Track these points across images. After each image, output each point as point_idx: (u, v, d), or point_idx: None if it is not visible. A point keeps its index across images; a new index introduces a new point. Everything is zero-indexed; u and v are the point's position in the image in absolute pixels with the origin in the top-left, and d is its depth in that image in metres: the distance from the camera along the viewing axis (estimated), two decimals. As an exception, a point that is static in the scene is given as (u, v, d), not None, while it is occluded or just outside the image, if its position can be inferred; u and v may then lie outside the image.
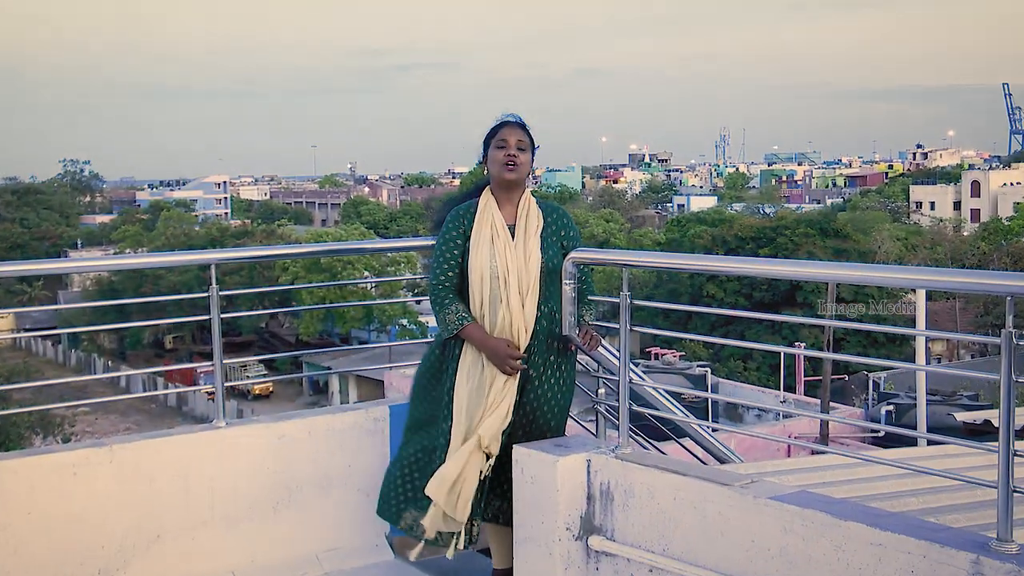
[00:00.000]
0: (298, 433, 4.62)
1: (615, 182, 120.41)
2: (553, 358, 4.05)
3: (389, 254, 48.25)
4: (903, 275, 3.77)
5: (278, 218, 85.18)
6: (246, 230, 62.61)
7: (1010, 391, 2.81)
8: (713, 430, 5.92)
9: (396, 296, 43.80)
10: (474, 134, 4.23)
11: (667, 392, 5.32)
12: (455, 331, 3.96)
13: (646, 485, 3.63)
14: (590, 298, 4.18)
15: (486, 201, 4.09)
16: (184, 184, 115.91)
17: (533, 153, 4.16)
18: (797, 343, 33.17)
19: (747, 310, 37.73)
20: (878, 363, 3.71)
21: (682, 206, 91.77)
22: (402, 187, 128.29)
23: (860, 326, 3.74)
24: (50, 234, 76.64)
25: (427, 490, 3.95)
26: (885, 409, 21.47)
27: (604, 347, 4.73)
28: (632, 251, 5.04)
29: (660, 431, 5.69)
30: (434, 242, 4.17)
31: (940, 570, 2.83)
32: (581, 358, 4.65)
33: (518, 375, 3.95)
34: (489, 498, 4.06)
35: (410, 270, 46.74)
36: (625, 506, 3.71)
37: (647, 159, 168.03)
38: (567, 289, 4.02)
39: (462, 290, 4.05)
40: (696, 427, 5.67)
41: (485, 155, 4.15)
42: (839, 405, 24.36)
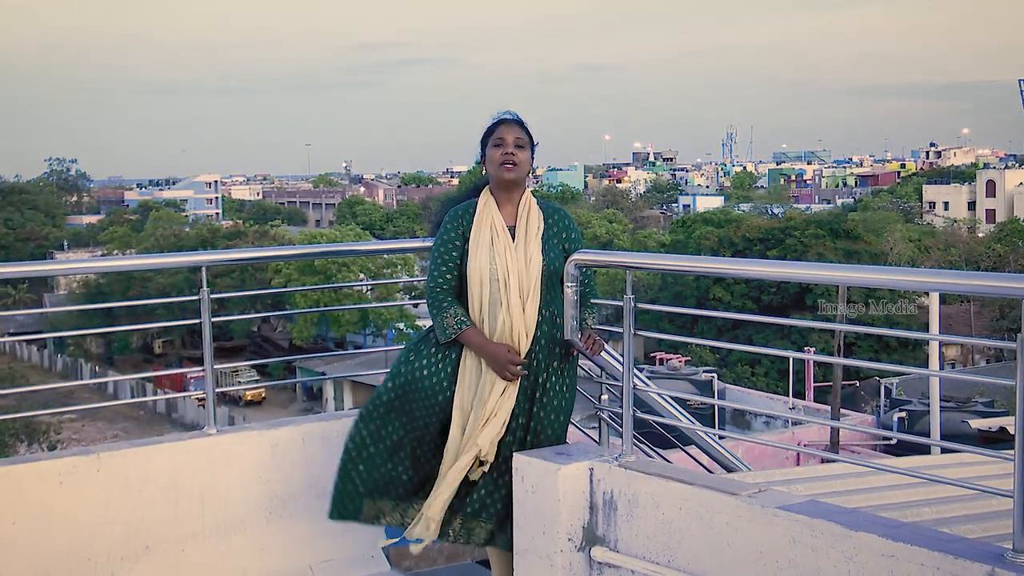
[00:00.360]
0: (292, 441, 4.62)
1: (618, 181, 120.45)
2: (555, 363, 4.05)
3: (385, 256, 48.26)
4: (916, 278, 3.76)
5: (271, 219, 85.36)
6: (238, 231, 62.67)
7: (1027, 397, 2.81)
8: (720, 437, 5.92)
9: (392, 299, 43.84)
10: (473, 132, 4.23)
11: (672, 398, 5.32)
12: (453, 335, 3.96)
13: (651, 494, 3.63)
14: (593, 301, 4.18)
15: (485, 201, 4.09)
16: (174, 183, 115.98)
17: (532, 151, 4.16)
18: (806, 348, 33.20)
19: (755, 314, 37.83)
20: (890, 368, 3.72)
21: (688, 206, 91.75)
22: (399, 186, 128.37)
23: (872, 330, 3.74)
24: (35, 235, 76.66)
25: (430, 513, 3.92)
26: (897, 416, 21.49)
27: (607, 352, 4.73)
28: (636, 253, 5.04)
29: (665, 439, 5.68)
30: (432, 244, 4.17)
31: (954, 582, 2.83)
32: (583, 363, 4.65)
33: (518, 381, 3.95)
34: (480, 522, 4.03)
35: (407, 272, 46.74)
36: (629, 516, 3.70)
37: (651, 158, 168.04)
38: (569, 292, 4.02)
39: (461, 293, 4.05)
40: (702, 434, 5.67)
41: (483, 155, 4.15)
42: (850, 412, 24.38)
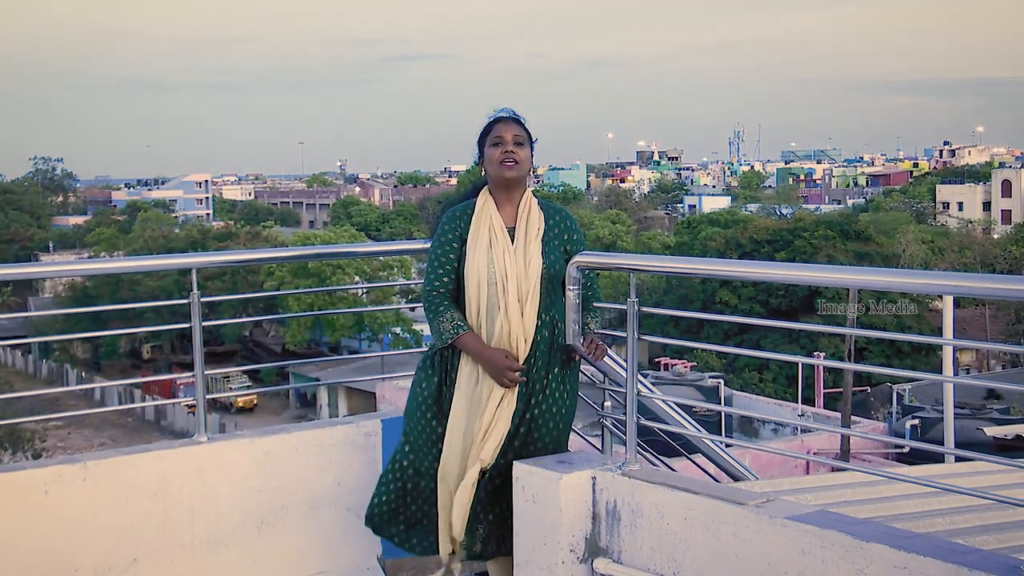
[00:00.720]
0: (284, 449, 4.62)
1: (622, 181, 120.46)
2: (555, 370, 4.05)
3: (381, 258, 48.28)
4: (929, 280, 3.76)
5: (263, 219, 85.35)
6: (229, 232, 62.65)
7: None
8: (726, 445, 5.92)
9: (389, 303, 43.86)
10: (472, 129, 4.23)
11: (677, 405, 5.32)
12: (450, 340, 3.96)
13: (655, 504, 3.63)
14: (595, 305, 4.18)
15: (484, 202, 4.09)
16: (163, 183, 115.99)
17: (532, 148, 4.17)
18: (816, 353, 33.17)
19: (763, 317, 37.83)
20: (902, 374, 3.72)
21: (693, 207, 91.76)
22: (395, 186, 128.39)
23: (884, 335, 3.74)
24: (20, 236, 76.65)
25: (454, 533, 3.96)
26: (910, 423, 21.48)
27: (610, 357, 4.73)
28: (640, 255, 5.05)
29: (670, 447, 5.68)
30: (429, 245, 4.17)
31: (968, 595, 2.83)
32: (586, 369, 4.65)
33: (517, 388, 3.95)
34: (483, 534, 4.04)
35: (404, 275, 46.76)
36: (633, 526, 3.70)
37: (656, 157, 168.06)
38: (570, 296, 4.03)
39: (458, 297, 4.05)
40: (708, 442, 5.67)
41: (480, 155, 4.15)
42: (861, 419, 24.36)
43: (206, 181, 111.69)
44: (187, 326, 4.57)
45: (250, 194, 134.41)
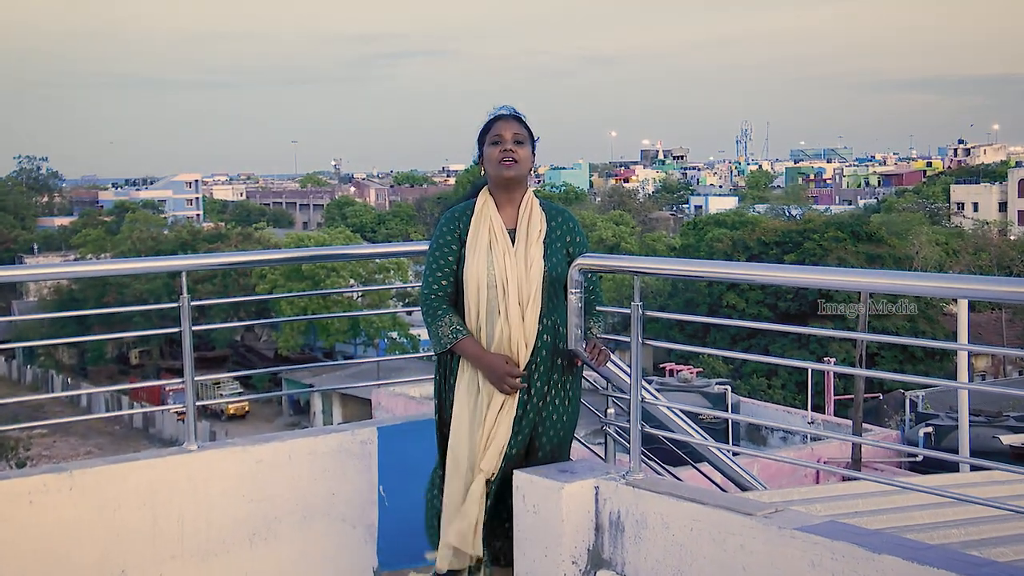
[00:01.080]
0: (277, 457, 4.62)
1: (626, 181, 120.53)
2: (557, 375, 4.05)
3: (377, 260, 48.31)
4: (943, 284, 3.76)
5: (255, 220, 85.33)
6: (220, 233, 62.68)
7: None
8: (734, 454, 5.92)
9: (385, 307, 43.82)
10: (471, 128, 4.24)
11: (683, 412, 5.32)
12: (448, 345, 3.96)
13: (660, 515, 3.63)
14: (598, 309, 4.18)
15: (484, 202, 4.09)
16: (152, 183, 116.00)
17: (533, 147, 4.17)
18: (826, 358, 33.19)
19: (771, 322, 37.82)
20: (916, 380, 3.72)
21: (699, 207, 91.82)
22: (391, 186, 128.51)
23: (896, 339, 3.75)
24: (3, 238, 76.72)
25: (454, 543, 3.97)
26: (923, 431, 21.48)
27: (613, 363, 4.74)
28: (644, 257, 5.05)
29: (675, 455, 5.68)
30: (427, 247, 4.17)
31: (984, 609, 2.83)
32: (588, 375, 4.65)
33: (517, 395, 3.95)
34: (488, 539, 4.05)
35: (400, 278, 46.74)
36: (637, 538, 3.70)
37: (661, 156, 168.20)
38: (573, 299, 4.03)
39: (457, 301, 4.05)
40: (715, 451, 5.67)
41: (480, 154, 4.15)
42: (873, 427, 24.38)
43: (196, 181, 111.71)
44: (176, 330, 4.58)
45: (242, 194, 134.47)
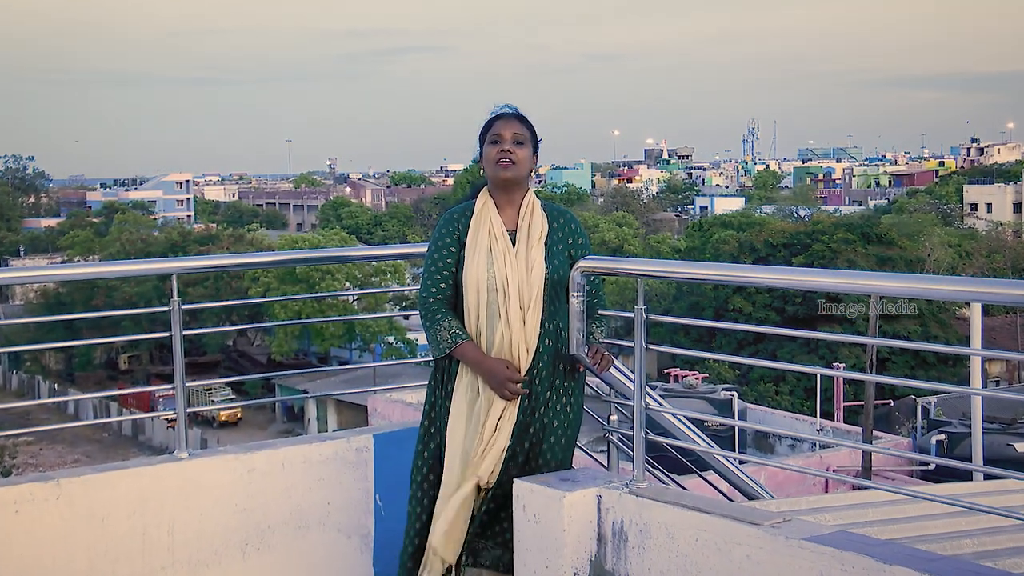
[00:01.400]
0: (270, 466, 4.62)
1: (629, 181, 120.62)
2: (559, 381, 4.05)
3: (373, 263, 48.29)
4: (956, 287, 3.76)
5: (248, 222, 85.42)
6: (211, 235, 62.67)
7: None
8: (740, 462, 5.92)
9: (381, 310, 43.84)
10: (469, 126, 4.25)
11: (688, 419, 5.32)
12: (447, 350, 3.96)
13: (664, 524, 3.63)
14: (601, 313, 4.19)
15: (483, 203, 4.09)
16: (141, 184, 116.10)
17: (535, 148, 4.17)
18: (835, 363, 33.15)
19: (779, 326, 37.81)
20: (928, 386, 3.72)
21: (705, 208, 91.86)
22: (388, 187, 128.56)
23: (908, 344, 3.74)
24: (-11, 240, 76.69)
25: (433, 544, 3.96)
26: (936, 439, 21.47)
27: (616, 368, 4.73)
28: (648, 259, 5.05)
29: (680, 463, 5.68)
30: (425, 250, 4.17)
31: (998, 621, 2.83)
32: (591, 381, 4.65)
33: (518, 400, 3.95)
34: (486, 544, 4.05)
35: (397, 281, 46.75)
36: (641, 548, 3.70)
37: (665, 155, 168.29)
38: (574, 303, 4.03)
39: (456, 304, 4.06)
40: (721, 459, 5.67)
41: (481, 153, 4.16)
42: (883, 434, 24.35)
43: (187, 181, 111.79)
44: (167, 335, 4.57)
45: (234, 195, 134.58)
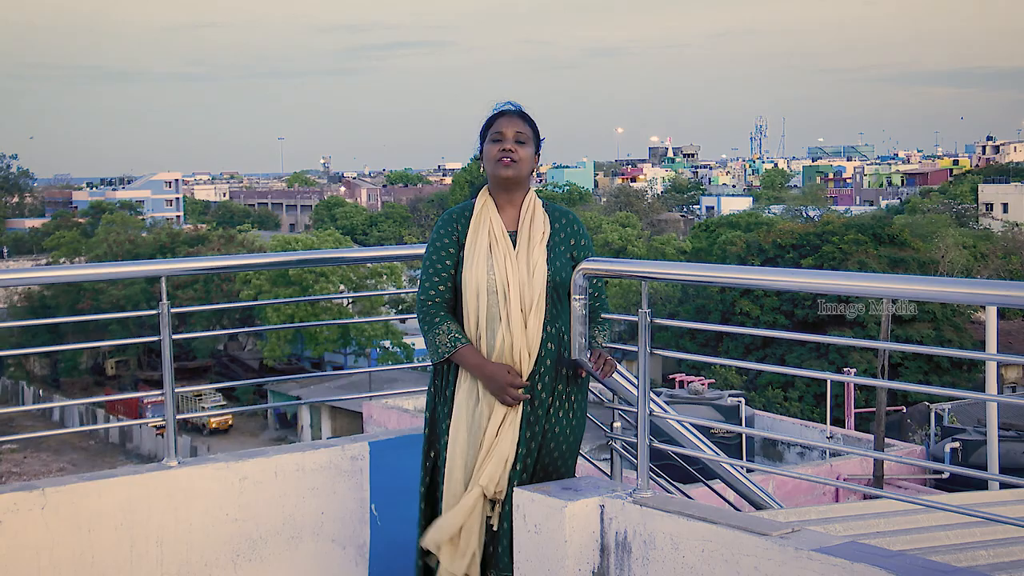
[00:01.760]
0: (262, 474, 4.62)
1: (633, 180, 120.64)
2: (561, 387, 4.05)
3: (369, 265, 48.28)
4: (971, 290, 3.76)
5: (239, 222, 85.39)
6: (201, 236, 62.66)
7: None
8: (748, 471, 5.92)
9: (377, 314, 43.82)
10: (468, 124, 4.25)
11: (694, 426, 5.32)
12: (446, 355, 3.97)
13: (669, 535, 3.63)
14: (603, 316, 4.19)
15: (483, 203, 4.09)
16: (129, 183, 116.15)
17: (537, 147, 4.17)
18: (846, 369, 33.17)
19: (787, 330, 37.75)
20: (942, 392, 3.72)
21: (711, 208, 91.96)
22: (384, 186, 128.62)
23: (921, 349, 3.74)
24: (-29, 241, 76.73)
25: (424, 541, 3.97)
26: (950, 446, 21.46)
27: (620, 373, 4.74)
28: (652, 261, 5.06)
29: (685, 472, 5.69)
30: (422, 251, 4.18)
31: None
32: (593, 386, 4.65)
33: (520, 407, 3.95)
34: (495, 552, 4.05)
35: (394, 284, 46.75)
36: (645, 559, 3.70)
37: (670, 153, 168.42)
38: (576, 306, 4.03)
39: (455, 308, 4.06)
40: (728, 467, 5.67)
41: (481, 151, 4.16)
42: (896, 442, 24.35)
43: (176, 180, 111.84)
44: (156, 339, 4.58)
45: (225, 194, 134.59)
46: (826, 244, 45.30)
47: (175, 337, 4.58)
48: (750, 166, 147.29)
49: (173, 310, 4.56)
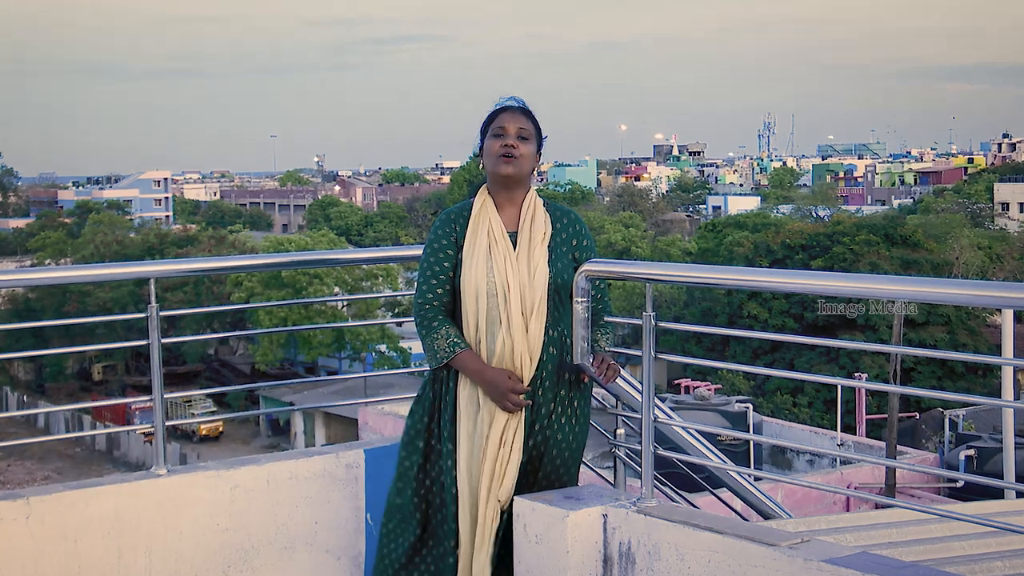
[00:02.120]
0: (254, 483, 4.62)
1: (637, 179, 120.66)
2: (563, 392, 4.05)
3: (364, 266, 48.30)
4: (986, 292, 3.77)
5: (230, 222, 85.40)
6: (191, 237, 62.68)
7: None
8: (755, 479, 5.92)
9: (372, 317, 43.83)
10: (467, 121, 4.25)
11: (700, 433, 5.32)
12: (445, 360, 3.96)
13: (674, 545, 3.63)
14: (606, 320, 4.19)
15: (482, 203, 4.09)
16: (117, 182, 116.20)
17: (539, 145, 4.18)
18: (857, 374, 33.16)
19: (797, 334, 37.79)
20: (956, 398, 3.72)
21: (718, 208, 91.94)
22: (380, 185, 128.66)
23: (934, 353, 3.76)
24: (-46, 242, 76.73)
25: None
26: (964, 454, 21.46)
27: (623, 378, 4.74)
28: (657, 263, 5.06)
29: (691, 480, 5.68)
30: (419, 252, 4.18)
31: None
32: (596, 392, 4.65)
33: (521, 413, 3.95)
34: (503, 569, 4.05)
35: (390, 286, 46.73)
36: (649, 571, 3.70)
37: (675, 151, 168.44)
38: (579, 309, 4.03)
39: (454, 311, 4.06)
40: (735, 475, 5.67)
41: (481, 148, 4.16)
42: (908, 449, 24.36)
43: (165, 179, 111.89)
44: (144, 343, 4.58)
45: (215, 194, 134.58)
46: (837, 245, 45.31)
47: (164, 341, 4.58)
48: (758, 164, 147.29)
49: (162, 313, 4.57)
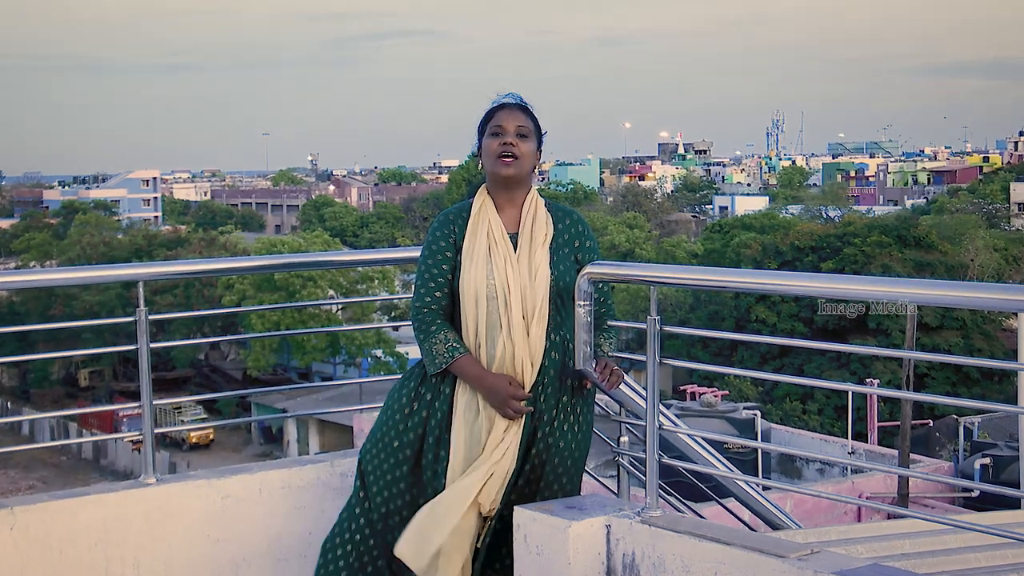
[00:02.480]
0: (246, 492, 4.62)
1: (641, 179, 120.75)
2: (565, 398, 4.05)
3: (360, 268, 48.31)
4: (1002, 295, 3.76)
5: (221, 223, 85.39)
6: (181, 238, 62.71)
7: None
8: (764, 488, 5.92)
9: (368, 321, 43.80)
10: (465, 119, 4.25)
11: (706, 440, 5.32)
12: (444, 365, 3.96)
13: (680, 557, 3.63)
14: (610, 323, 4.19)
15: (481, 203, 4.09)
16: (104, 181, 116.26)
17: (540, 142, 4.17)
18: (869, 379, 33.14)
19: (806, 338, 37.80)
20: (971, 404, 3.72)
21: (725, 208, 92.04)
22: (376, 185, 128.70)
23: (948, 358, 3.75)
24: (-65, 243, 76.74)
25: (398, 550, 3.92)
26: (979, 462, 21.44)
27: (627, 384, 4.74)
28: (662, 265, 5.06)
29: (697, 489, 5.69)
30: (417, 254, 4.18)
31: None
32: (599, 399, 4.65)
33: (522, 420, 3.95)
34: (486, 573, 4.05)
35: (386, 289, 46.73)
36: (654, 583, 3.70)
37: (681, 150, 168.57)
38: (581, 312, 4.03)
39: (453, 314, 4.06)
40: (742, 484, 5.67)
41: (479, 147, 4.16)
42: (922, 457, 24.34)
43: (154, 178, 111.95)
44: (133, 348, 4.58)
45: (206, 193, 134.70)
46: (847, 246, 45.34)
47: (153, 346, 4.58)
48: (766, 163, 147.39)
49: (151, 317, 4.57)
